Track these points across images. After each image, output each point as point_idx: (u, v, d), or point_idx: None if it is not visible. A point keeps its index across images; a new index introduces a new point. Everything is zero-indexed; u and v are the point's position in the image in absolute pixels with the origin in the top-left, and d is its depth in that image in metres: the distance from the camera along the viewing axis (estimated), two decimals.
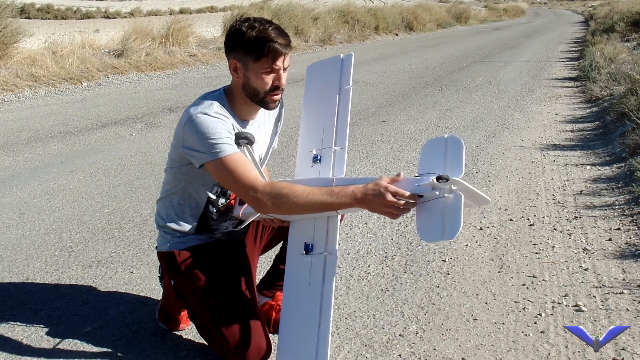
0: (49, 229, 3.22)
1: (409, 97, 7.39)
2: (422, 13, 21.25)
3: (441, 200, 1.63)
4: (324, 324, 1.69)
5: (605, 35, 12.93)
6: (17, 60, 7.79)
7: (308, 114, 2.09)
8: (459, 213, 1.60)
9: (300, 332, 1.73)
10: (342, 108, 2.00)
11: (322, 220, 1.83)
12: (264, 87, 1.83)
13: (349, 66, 2.07)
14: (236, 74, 1.85)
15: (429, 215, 1.65)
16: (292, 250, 1.86)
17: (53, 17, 26.40)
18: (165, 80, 8.62)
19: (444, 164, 1.69)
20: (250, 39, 1.78)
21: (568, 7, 53.00)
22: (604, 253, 2.87)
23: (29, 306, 2.40)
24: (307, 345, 1.69)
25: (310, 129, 2.05)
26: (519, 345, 2.13)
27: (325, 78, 2.12)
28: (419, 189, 1.66)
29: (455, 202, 1.62)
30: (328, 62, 2.17)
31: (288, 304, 1.80)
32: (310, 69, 2.20)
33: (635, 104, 5.14)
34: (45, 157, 4.63)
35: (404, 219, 3.32)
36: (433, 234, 1.65)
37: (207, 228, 2.03)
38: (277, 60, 1.80)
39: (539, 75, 9.26)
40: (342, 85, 2.05)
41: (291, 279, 1.83)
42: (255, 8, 12.77)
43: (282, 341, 1.76)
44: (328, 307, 1.71)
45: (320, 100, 2.08)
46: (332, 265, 1.77)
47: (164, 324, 2.21)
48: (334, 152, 1.95)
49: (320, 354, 1.66)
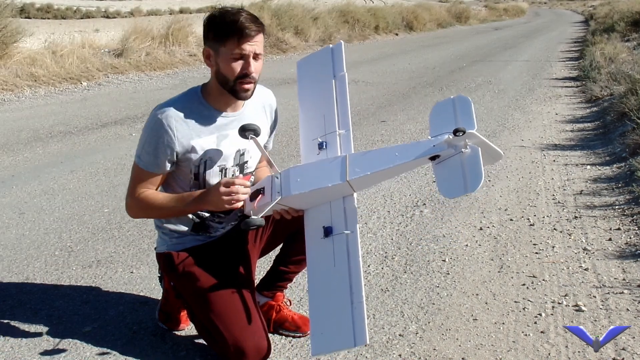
0: (49, 229, 3.22)
1: (409, 97, 7.39)
2: (422, 13, 21.24)
3: (458, 156, 1.63)
4: (356, 300, 1.66)
5: (605, 35, 12.93)
6: (17, 60, 7.78)
7: (305, 106, 2.06)
8: (479, 164, 1.59)
9: (332, 313, 1.70)
10: (340, 94, 1.97)
11: (338, 202, 1.81)
12: (233, 74, 1.82)
13: (340, 54, 2.04)
14: (209, 61, 1.86)
15: (449, 172, 1.65)
16: (311, 236, 1.83)
17: (53, 16, 26.34)
18: (165, 80, 8.62)
19: (455, 121, 1.68)
20: (219, 23, 1.81)
21: (568, 6, 52.97)
22: (604, 253, 2.87)
23: (29, 306, 2.40)
24: (342, 324, 1.66)
25: (310, 119, 2.02)
26: (519, 345, 2.13)
27: (317, 69, 2.10)
28: (434, 149, 1.66)
29: (473, 154, 1.62)
30: (318, 54, 2.15)
31: (315, 289, 1.77)
32: (301, 63, 2.18)
33: (635, 104, 5.14)
34: (45, 157, 4.63)
35: (404, 219, 3.32)
36: (456, 189, 1.64)
37: (203, 228, 2.02)
38: (244, 44, 1.79)
39: (539, 75, 9.26)
40: (336, 72, 2.02)
41: (315, 264, 1.80)
42: (255, 8, 12.74)
43: (315, 326, 1.72)
44: (358, 283, 1.68)
45: (316, 91, 2.05)
46: (355, 243, 1.74)
47: (164, 324, 2.21)
48: (339, 136, 1.91)
49: (358, 331, 1.63)
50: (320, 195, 1.80)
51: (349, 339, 1.63)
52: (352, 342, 1.63)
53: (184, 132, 1.85)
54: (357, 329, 1.62)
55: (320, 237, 1.80)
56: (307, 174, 1.82)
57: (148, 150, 1.87)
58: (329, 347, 1.72)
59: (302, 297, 2.47)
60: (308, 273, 1.83)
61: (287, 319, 2.19)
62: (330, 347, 1.72)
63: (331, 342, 1.69)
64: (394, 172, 1.80)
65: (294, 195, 1.79)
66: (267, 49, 11.88)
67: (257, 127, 1.86)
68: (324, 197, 1.81)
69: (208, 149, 1.90)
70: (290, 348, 2.11)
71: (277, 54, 11.83)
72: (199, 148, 1.88)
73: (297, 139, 5.17)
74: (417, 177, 4.12)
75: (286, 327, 2.18)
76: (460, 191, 1.64)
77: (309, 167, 1.85)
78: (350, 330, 1.63)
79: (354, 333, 1.62)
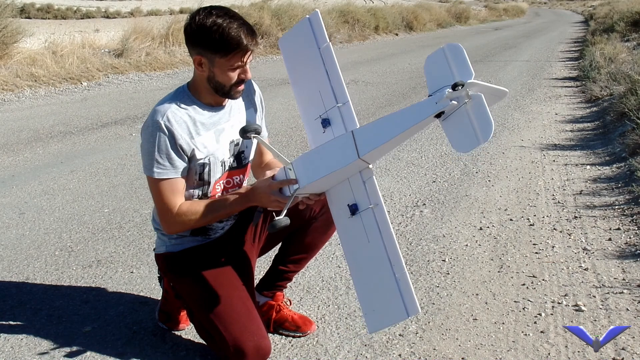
0: (49, 229, 3.22)
1: (409, 97, 7.39)
2: (422, 13, 21.23)
3: (462, 108, 1.62)
4: (398, 272, 1.66)
5: (605, 35, 12.92)
6: (17, 60, 7.78)
7: (298, 85, 2.03)
8: (486, 112, 1.58)
9: (378, 289, 1.70)
10: (330, 66, 1.93)
11: (356, 177, 1.80)
12: (230, 82, 1.83)
13: (319, 25, 1.99)
14: (201, 68, 1.83)
15: (457, 126, 1.64)
16: (339, 216, 1.83)
17: (53, 16, 26.35)
18: (165, 80, 8.62)
19: (451, 73, 1.66)
20: (218, 37, 1.75)
21: (568, 7, 52.98)
22: (603, 253, 2.87)
23: (29, 306, 2.40)
24: (391, 298, 1.66)
25: (307, 98, 1.99)
26: (518, 345, 2.13)
27: (300, 45, 2.05)
28: (437, 106, 1.64)
29: (478, 102, 1.60)
30: (296, 28, 2.08)
31: (356, 268, 1.77)
32: (282, 42, 2.12)
33: (635, 104, 5.14)
34: (45, 157, 4.63)
35: (404, 219, 3.33)
36: (469, 142, 1.62)
37: (202, 231, 2.02)
38: (245, 57, 1.80)
39: (539, 75, 9.26)
40: (319, 45, 1.97)
41: (349, 244, 1.79)
42: (255, 8, 12.74)
43: (365, 305, 1.73)
44: (396, 255, 1.68)
45: (305, 69, 2.02)
46: (383, 214, 1.73)
47: (163, 324, 2.21)
48: (339, 110, 1.89)
49: (408, 302, 1.63)
50: (337, 176, 1.79)
51: (401, 312, 1.65)
52: (404, 314, 1.65)
53: (184, 133, 1.84)
54: (407, 300, 1.63)
55: (347, 217, 1.80)
56: (319, 159, 1.80)
57: (160, 157, 1.83)
58: (383, 322, 1.74)
59: (302, 297, 2.47)
60: (345, 254, 1.83)
61: (287, 319, 2.19)
62: (385, 322, 1.75)
63: (384, 317, 1.71)
64: (403, 138, 1.79)
65: (310, 184, 1.79)
66: (267, 49, 11.88)
67: (258, 126, 1.87)
68: (341, 176, 1.80)
69: (209, 147, 1.90)
70: (290, 348, 2.11)
71: (277, 54, 11.81)
72: (201, 147, 1.88)
73: (297, 140, 5.20)
74: (417, 177, 4.12)
75: (286, 327, 2.18)
76: (474, 142, 1.61)
77: (319, 151, 1.83)
78: (400, 303, 1.64)
79: (404, 305, 1.63)
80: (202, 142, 1.88)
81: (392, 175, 4.16)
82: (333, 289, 2.53)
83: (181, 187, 1.88)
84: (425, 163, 4.49)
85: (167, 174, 1.85)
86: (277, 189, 1.82)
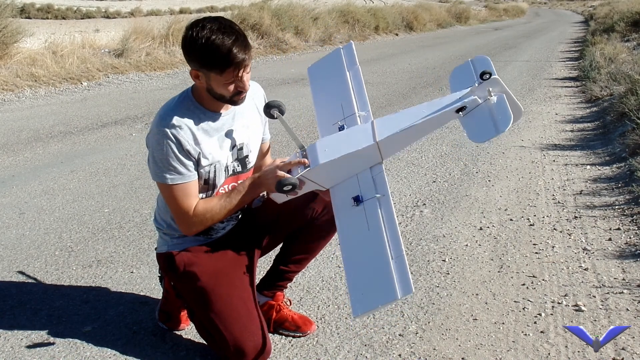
0: (49, 229, 3.22)
1: (409, 97, 7.39)
2: (422, 13, 21.23)
3: (484, 104, 1.66)
4: (396, 254, 1.60)
5: (605, 35, 12.93)
6: (17, 60, 7.78)
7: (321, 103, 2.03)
8: (506, 107, 1.61)
9: (370, 273, 1.63)
10: (356, 83, 1.95)
11: (366, 173, 1.79)
12: (228, 93, 1.83)
13: (351, 53, 2.03)
14: (198, 80, 1.83)
15: (476, 119, 1.67)
16: (340, 208, 1.79)
17: (53, 17, 26.37)
18: (165, 80, 8.62)
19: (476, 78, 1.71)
20: (210, 55, 1.73)
21: (568, 7, 52.99)
22: (603, 253, 2.87)
23: (29, 306, 2.40)
24: (383, 280, 1.58)
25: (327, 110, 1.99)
26: (518, 345, 2.13)
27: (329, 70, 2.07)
28: (460, 100, 1.67)
29: (500, 99, 1.64)
30: (328, 57, 2.13)
31: (350, 254, 1.71)
32: (312, 69, 2.16)
33: (635, 104, 5.14)
34: (45, 157, 4.63)
35: (404, 219, 3.33)
36: (486, 132, 1.65)
37: (204, 230, 2.02)
38: (239, 72, 1.79)
39: (539, 75, 9.26)
40: (349, 67, 2.01)
41: (346, 231, 1.75)
42: (255, 8, 12.72)
43: (354, 290, 1.64)
44: (396, 239, 1.62)
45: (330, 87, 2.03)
46: (388, 204, 1.69)
47: (164, 323, 2.21)
48: (359, 117, 1.88)
49: (402, 282, 1.55)
50: (348, 165, 1.78)
51: (392, 292, 1.55)
52: (395, 294, 1.55)
53: (190, 139, 1.85)
54: (401, 280, 1.55)
55: (350, 207, 1.77)
56: (335, 143, 1.80)
57: (170, 164, 1.84)
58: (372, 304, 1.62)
59: (302, 297, 2.47)
60: (340, 241, 1.78)
61: (287, 319, 2.19)
62: (373, 303, 1.62)
63: (373, 299, 1.60)
64: (422, 130, 1.79)
65: (321, 165, 1.76)
66: (267, 49, 11.88)
67: (281, 103, 1.92)
68: (351, 167, 1.79)
69: (214, 152, 1.91)
70: (290, 348, 2.11)
71: (277, 54, 11.83)
72: (207, 152, 1.89)
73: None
74: (417, 177, 4.12)
75: (286, 326, 2.18)
76: (491, 133, 1.63)
77: (336, 136, 1.83)
78: (392, 283, 1.56)
79: (397, 285, 1.55)
80: (206, 148, 1.88)
81: (392, 175, 4.16)
82: (333, 289, 2.53)
83: (194, 189, 1.90)
84: (426, 163, 4.49)
85: (180, 179, 1.86)
86: (286, 170, 1.83)
